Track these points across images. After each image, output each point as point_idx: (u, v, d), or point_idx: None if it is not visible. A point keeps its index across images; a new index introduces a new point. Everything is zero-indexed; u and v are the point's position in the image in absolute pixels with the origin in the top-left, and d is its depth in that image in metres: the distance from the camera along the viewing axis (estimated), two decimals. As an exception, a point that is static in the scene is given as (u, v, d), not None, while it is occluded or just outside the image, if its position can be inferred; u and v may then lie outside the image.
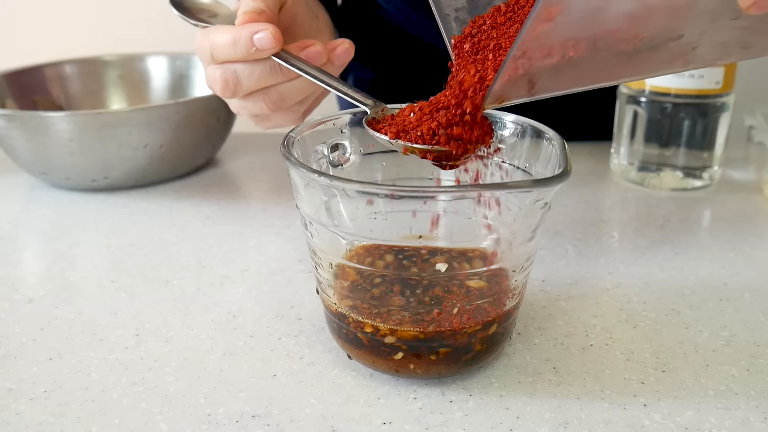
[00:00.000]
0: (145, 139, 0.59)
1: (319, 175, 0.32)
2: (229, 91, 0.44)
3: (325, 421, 0.32)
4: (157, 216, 0.56)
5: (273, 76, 0.43)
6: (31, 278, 0.48)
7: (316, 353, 0.38)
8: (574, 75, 0.31)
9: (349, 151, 0.40)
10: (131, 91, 0.76)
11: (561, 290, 0.44)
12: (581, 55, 0.29)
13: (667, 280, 0.45)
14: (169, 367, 0.37)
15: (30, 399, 0.34)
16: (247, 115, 0.48)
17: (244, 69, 0.43)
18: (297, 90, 0.45)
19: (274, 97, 0.45)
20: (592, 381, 0.35)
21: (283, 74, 0.43)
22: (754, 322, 0.40)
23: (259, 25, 0.42)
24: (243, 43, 0.42)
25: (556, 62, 0.29)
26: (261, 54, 0.42)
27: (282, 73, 0.43)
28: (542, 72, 0.30)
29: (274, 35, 0.41)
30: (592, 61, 0.30)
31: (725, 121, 0.58)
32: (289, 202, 0.58)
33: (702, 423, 0.32)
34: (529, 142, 0.37)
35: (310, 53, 0.43)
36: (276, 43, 0.41)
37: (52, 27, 1.16)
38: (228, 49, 0.42)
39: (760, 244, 0.50)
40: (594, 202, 0.57)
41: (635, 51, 0.30)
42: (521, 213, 0.33)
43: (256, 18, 0.42)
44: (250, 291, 0.44)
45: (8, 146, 0.60)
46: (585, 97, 0.72)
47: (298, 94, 0.45)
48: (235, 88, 0.44)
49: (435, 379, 0.35)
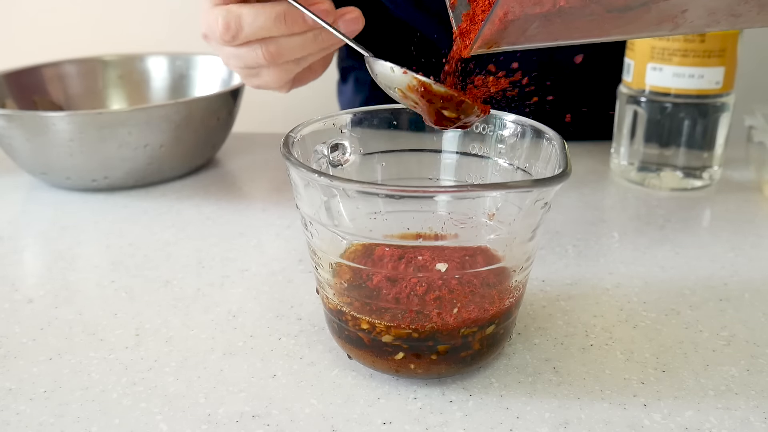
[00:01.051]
0: (145, 139, 0.59)
1: (319, 175, 0.32)
2: (228, 35, 0.43)
3: (325, 421, 0.32)
4: (157, 216, 0.56)
5: (277, 25, 0.42)
6: (31, 278, 0.48)
7: (316, 353, 0.38)
8: (564, 26, 0.30)
9: (349, 151, 0.40)
10: (131, 91, 0.76)
11: (561, 290, 0.44)
12: (572, 6, 0.29)
13: (667, 280, 0.45)
14: (169, 367, 0.37)
15: (30, 399, 0.34)
16: (236, 65, 0.47)
17: (249, 13, 0.42)
18: (297, 45, 0.44)
19: (272, 48, 0.44)
20: (592, 381, 0.35)
21: (286, 25, 0.43)
22: (754, 322, 0.40)
23: None
24: None
25: (547, 11, 0.29)
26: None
27: (285, 24, 0.42)
28: (533, 19, 0.29)
29: None
30: (582, 13, 0.29)
31: (725, 121, 0.58)
32: (289, 202, 0.58)
33: (702, 423, 0.32)
34: (529, 142, 0.37)
35: (317, 9, 0.42)
36: None
37: (52, 27, 1.16)
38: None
39: (760, 244, 0.50)
40: (594, 202, 0.57)
41: (626, 7, 0.29)
42: (521, 213, 0.33)
43: None
44: (250, 291, 0.44)
45: (8, 146, 0.60)
46: (585, 96, 0.72)
47: (297, 50, 0.44)
48: (236, 32, 0.43)
49: (435, 379, 0.35)
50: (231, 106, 0.65)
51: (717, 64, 0.55)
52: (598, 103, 0.71)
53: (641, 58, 0.57)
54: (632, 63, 0.58)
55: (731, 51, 0.55)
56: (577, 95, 0.73)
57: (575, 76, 0.72)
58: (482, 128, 0.39)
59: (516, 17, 0.29)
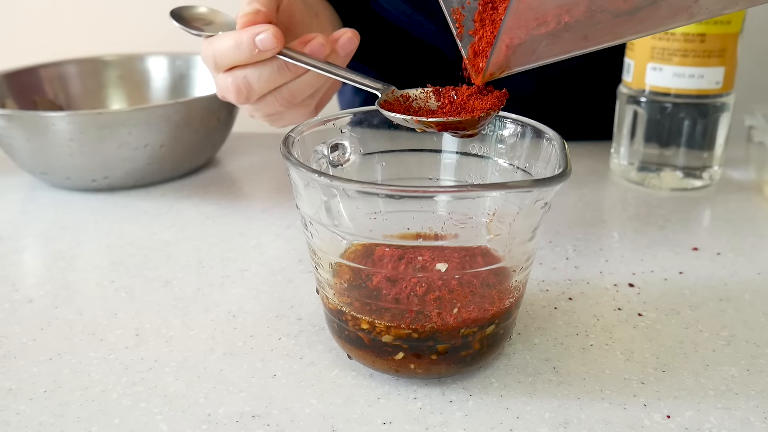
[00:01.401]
0: (145, 139, 0.59)
1: (319, 175, 0.32)
2: (242, 96, 0.45)
3: (325, 421, 0.32)
4: (157, 216, 0.56)
5: (281, 75, 0.44)
6: (31, 278, 0.48)
7: (316, 353, 0.38)
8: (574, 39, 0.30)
9: (349, 151, 0.40)
10: (131, 91, 0.76)
11: (561, 290, 0.44)
12: (577, 19, 0.28)
13: (667, 280, 0.45)
14: (169, 367, 0.37)
15: (30, 399, 0.34)
16: (261, 116, 0.49)
17: (253, 73, 0.44)
18: (307, 84, 0.46)
19: (285, 94, 0.46)
20: (592, 381, 0.35)
21: (290, 72, 0.44)
22: (754, 322, 0.40)
23: (259, 27, 0.42)
24: (246, 46, 0.42)
25: (553, 29, 0.29)
26: (264, 55, 0.42)
27: (290, 71, 0.44)
28: (540, 39, 0.29)
29: (274, 35, 0.42)
30: (590, 24, 0.29)
31: (725, 121, 0.58)
32: (289, 202, 0.58)
33: (702, 423, 0.32)
34: (529, 142, 0.37)
35: (313, 47, 0.43)
36: (277, 42, 0.42)
37: (52, 27, 1.16)
38: (232, 53, 0.43)
39: (760, 244, 0.50)
40: (594, 202, 0.57)
41: (635, 8, 0.29)
42: (521, 213, 0.33)
43: (254, 19, 0.43)
44: (250, 291, 0.44)
45: (8, 146, 0.60)
46: (585, 97, 0.72)
47: (308, 88, 0.46)
48: (248, 92, 0.45)
49: (435, 379, 0.35)
50: (231, 106, 0.65)
51: (717, 64, 0.55)
52: (598, 103, 0.71)
53: (641, 58, 0.57)
54: (632, 63, 0.58)
55: (731, 51, 0.55)
56: (577, 95, 0.73)
57: (575, 76, 0.72)
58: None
59: (522, 41, 0.29)
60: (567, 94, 0.73)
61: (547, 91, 0.72)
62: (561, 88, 0.72)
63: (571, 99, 0.73)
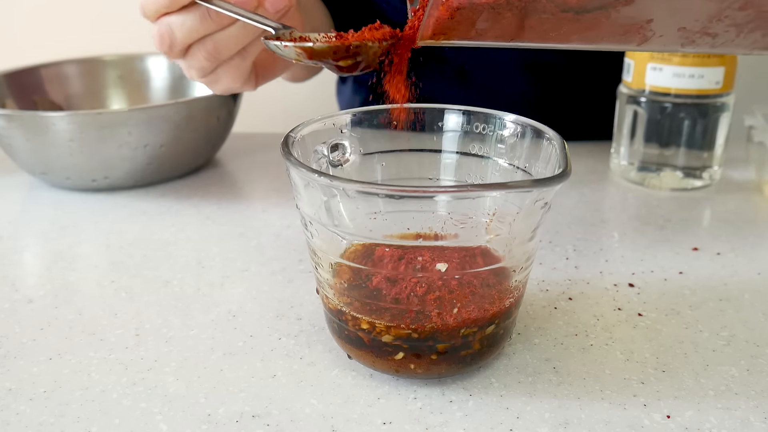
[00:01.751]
0: (145, 139, 0.59)
1: (319, 175, 0.32)
2: (165, 45, 0.45)
3: (325, 421, 0.32)
4: (157, 216, 0.56)
5: (203, 23, 0.44)
6: (31, 278, 0.48)
7: (316, 353, 0.38)
8: (517, 24, 0.29)
9: (349, 151, 0.40)
10: (131, 91, 0.76)
11: (561, 290, 0.44)
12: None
13: (667, 280, 0.45)
14: (169, 367, 0.37)
15: (30, 399, 0.34)
16: (193, 75, 0.49)
17: (176, 20, 0.44)
18: (231, 38, 0.45)
19: (209, 47, 0.45)
20: (592, 381, 0.35)
21: (213, 21, 0.44)
22: (754, 322, 0.40)
23: None
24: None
25: (494, 1, 0.28)
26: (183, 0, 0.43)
27: (212, 21, 0.44)
28: (480, 9, 0.29)
29: None
30: (534, 10, 0.29)
31: (725, 121, 0.58)
32: (289, 202, 0.58)
33: (702, 423, 0.32)
34: (529, 142, 0.37)
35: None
36: None
37: (52, 27, 1.16)
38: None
39: (760, 244, 0.50)
40: (594, 202, 0.57)
41: (582, 8, 0.28)
42: (521, 213, 0.33)
43: None
44: (250, 291, 0.44)
45: (8, 146, 0.60)
46: (585, 96, 0.72)
47: (233, 42, 0.46)
48: (171, 41, 0.45)
49: (435, 379, 0.35)
50: (231, 106, 0.65)
51: (717, 64, 0.55)
52: (598, 103, 0.71)
53: (641, 58, 0.57)
54: (632, 63, 0.58)
55: (731, 51, 0.55)
56: (577, 95, 0.73)
57: (575, 76, 0.72)
58: (482, 128, 0.39)
59: (462, 4, 0.29)
60: (567, 94, 0.73)
61: (547, 91, 0.72)
62: (561, 88, 0.72)
63: (571, 99, 0.73)
